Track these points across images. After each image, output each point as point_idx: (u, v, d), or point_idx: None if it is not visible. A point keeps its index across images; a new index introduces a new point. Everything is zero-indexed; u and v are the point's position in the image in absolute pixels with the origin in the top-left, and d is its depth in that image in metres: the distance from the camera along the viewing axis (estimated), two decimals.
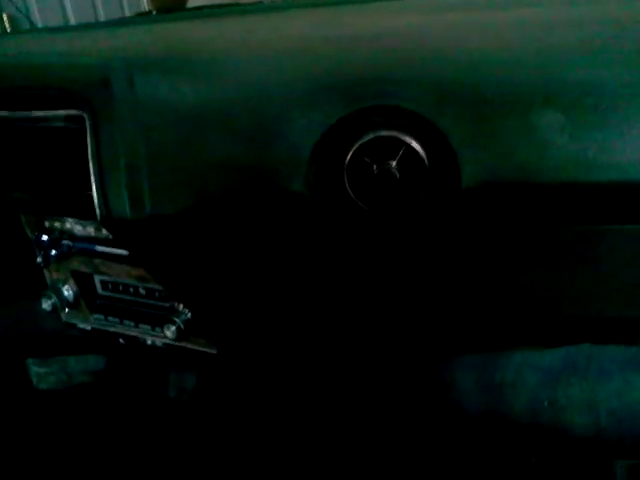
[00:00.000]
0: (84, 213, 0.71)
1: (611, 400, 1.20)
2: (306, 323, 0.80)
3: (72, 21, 3.30)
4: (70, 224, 0.84)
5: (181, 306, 0.86)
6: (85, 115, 0.66)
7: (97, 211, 0.65)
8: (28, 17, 2.85)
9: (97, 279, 0.93)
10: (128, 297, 0.93)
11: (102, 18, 3.48)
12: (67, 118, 0.69)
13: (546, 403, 1.22)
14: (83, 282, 0.95)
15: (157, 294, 0.89)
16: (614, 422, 1.20)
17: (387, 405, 1.24)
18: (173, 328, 0.85)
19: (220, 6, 1.17)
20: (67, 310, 0.97)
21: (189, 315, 0.86)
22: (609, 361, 1.21)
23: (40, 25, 3.01)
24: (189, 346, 0.90)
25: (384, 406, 1.23)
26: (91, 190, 0.66)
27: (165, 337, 0.86)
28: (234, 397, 1.30)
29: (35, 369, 1.38)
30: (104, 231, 0.82)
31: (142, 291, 0.90)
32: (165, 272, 0.74)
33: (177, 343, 0.89)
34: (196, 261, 0.71)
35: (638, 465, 1.18)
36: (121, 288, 0.92)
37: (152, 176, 0.64)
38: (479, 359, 1.23)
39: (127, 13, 3.61)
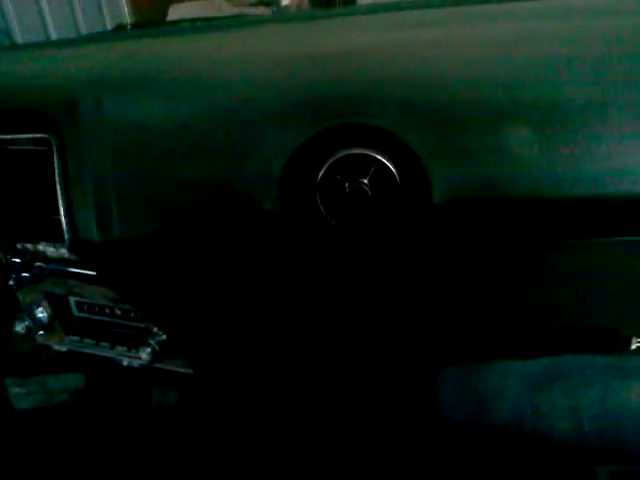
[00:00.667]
0: (54, 237, 0.69)
1: (593, 407, 1.21)
2: (281, 339, 0.80)
3: (53, 36, 3.26)
4: (42, 246, 0.82)
5: (155, 328, 0.85)
6: (51, 138, 0.65)
7: (65, 235, 0.64)
8: (8, 32, 2.82)
9: (72, 300, 0.92)
10: (104, 318, 0.91)
11: (84, 32, 3.45)
12: (34, 141, 0.68)
13: (529, 411, 1.22)
14: (57, 304, 0.93)
15: (132, 315, 0.88)
16: (596, 428, 1.20)
17: (369, 418, 1.23)
18: (148, 350, 0.84)
19: (196, 20, 1.17)
20: (41, 332, 0.95)
21: (163, 337, 0.85)
22: (590, 368, 1.22)
23: (20, 40, 2.98)
24: (165, 367, 0.89)
25: (366, 419, 1.23)
26: (59, 214, 0.66)
27: (140, 359, 0.85)
28: (217, 414, 1.28)
29: (14, 389, 1.36)
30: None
31: (118, 312, 0.88)
32: (136, 294, 0.73)
33: (153, 364, 0.88)
34: (167, 283, 0.70)
35: (620, 471, 1.18)
36: (96, 309, 0.91)
37: (120, 198, 0.63)
38: (462, 369, 1.23)
39: (109, 25, 3.58)
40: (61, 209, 0.64)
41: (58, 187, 0.64)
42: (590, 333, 0.93)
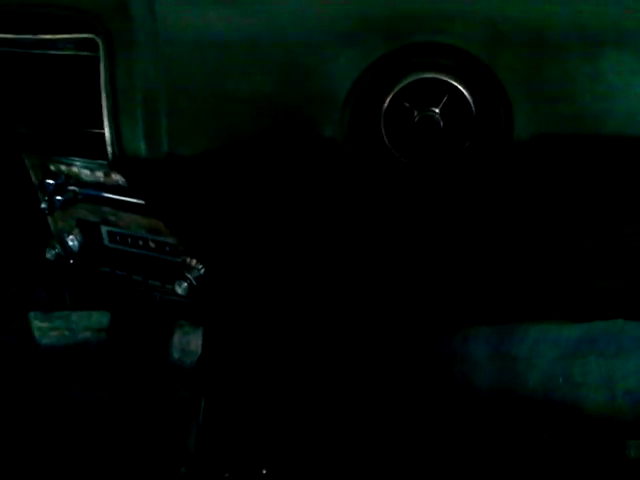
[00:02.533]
0: (94, 152, 0.65)
1: (628, 379, 1.17)
2: (328, 278, 0.75)
3: None
4: (77, 168, 0.78)
5: (194, 261, 0.81)
6: (99, 40, 0.60)
7: (108, 149, 0.60)
8: None
9: (104, 230, 0.88)
10: (137, 250, 0.87)
11: None
12: (78, 43, 0.63)
13: (561, 379, 1.18)
14: (89, 232, 0.89)
15: (168, 248, 0.83)
16: (630, 401, 1.17)
17: (396, 380, 1.20)
18: (185, 284, 0.80)
19: None
20: (71, 262, 0.91)
21: (202, 271, 0.80)
22: (629, 339, 1.17)
23: None
24: (199, 304, 0.85)
25: (393, 381, 1.20)
26: (102, 127, 0.61)
27: (176, 294, 0.81)
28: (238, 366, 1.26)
29: (37, 323, 1.35)
30: (113, 177, 0.76)
31: (152, 245, 0.84)
32: (180, 222, 0.69)
33: (188, 300, 0.84)
34: (216, 210, 0.66)
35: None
36: (130, 241, 0.87)
37: (172, 112, 0.58)
38: (494, 332, 1.19)
39: None
40: (105, 119, 0.59)
41: (103, 95, 0.59)
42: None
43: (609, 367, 1.17)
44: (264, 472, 1.02)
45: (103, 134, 0.62)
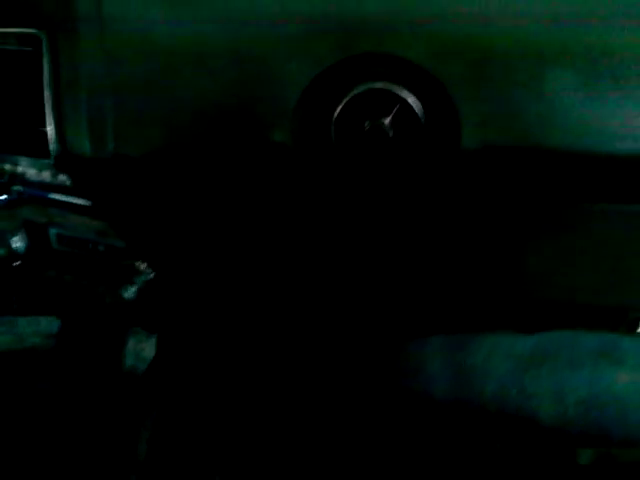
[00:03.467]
0: (39, 151, 0.63)
1: (579, 390, 1.19)
2: (277, 280, 0.75)
3: None
4: (23, 168, 0.76)
5: (143, 265, 0.79)
6: (42, 35, 0.58)
7: (51, 147, 0.58)
8: None
9: (52, 232, 0.85)
10: (85, 254, 0.85)
11: None
12: (21, 38, 0.61)
13: (514, 390, 1.20)
14: (36, 234, 0.87)
15: (117, 252, 0.82)
16: (581, 411, 1.19)
17: (353, 386, 1.20)
18: (132, 289, 0.78)
19: None
20: (16, 264, 0.89)
21: (151, 275, 0.79)
22: (580, 351, 1.19)
23: None
24: (149, 309, 0.83)
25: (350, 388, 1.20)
26: (45, 125, 0.59)
27: (123, 299, 0.79)
28: (193, 370, 1.23)
29: None
30: (60, 177, 0.74)
31: (101, 247, 0.82)
32: (127, 225, 0.67)
33: (137, 305, 0.82)
34: (162, 212, 0.64)
35: (601, 453, 1.17)
36: (78, 243, 0.84)
37: (117, 110, 0.57)
38: (449, 342, 1.20)
39: None
40: (49, 118, 0.58)
41: (47, 93, 0.57)
42: (597, 310, 0.89)
43: (561, 379, 1.19)
44: None
45: (47, 133, 0.60)
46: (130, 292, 0.79)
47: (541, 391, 1.19)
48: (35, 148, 0.64)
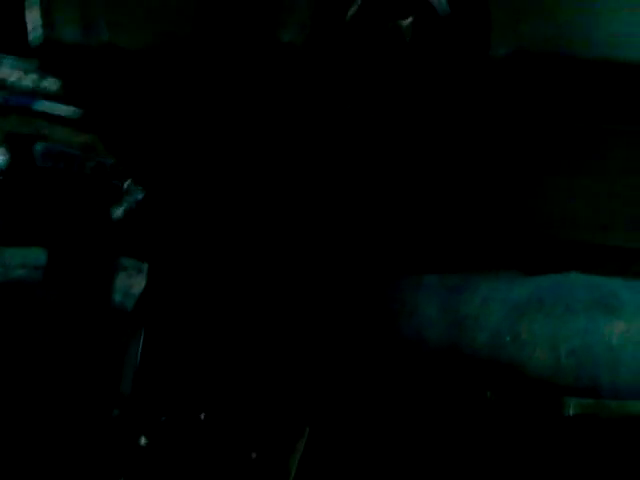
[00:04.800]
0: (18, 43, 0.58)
1: (573, 339, 1.19)
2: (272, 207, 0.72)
3: None
4: (7, 69, 0.70)
5: (133, 184, 0.75)
6: None
7: (33, 34, 0.53)
8: None
9: (37, 148, 0.81)
10: (72, 172, 0.81)
11: None
12: None
13: (508, 337, 1.20)
14: (20, 149, 0.82)
15: (107, 170, 0.78)
16: (573, 361, 1.19)
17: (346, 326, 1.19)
18: (121, 209, 0.74)
19: None
20: None
21: (140, 195, 0.75)
22: (576, 300, 1.19)
23: None
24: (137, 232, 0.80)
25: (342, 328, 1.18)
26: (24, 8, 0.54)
27: (112, 219, 0.76)
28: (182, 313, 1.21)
29: None
30: (46, 83, 0.69)
31: (90, 164, 0.78)
32: (118, 134, 0.63)
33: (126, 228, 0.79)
34: (157, 122, 0.60)
35: (588, 404, 1.17)
36: (65, 160, 0.80)
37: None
38: (445, 286, 1.19)
39: None
40: None
41: None
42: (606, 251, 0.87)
43: (555, 327, 1.19)
44: (202, 417, 0.99)
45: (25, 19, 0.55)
46: (119, 212, 0.75)
47: (535, 339, 1.19)
48: (16, 40, 0.59)
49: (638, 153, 0.58)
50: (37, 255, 1.27)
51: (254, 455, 0.95)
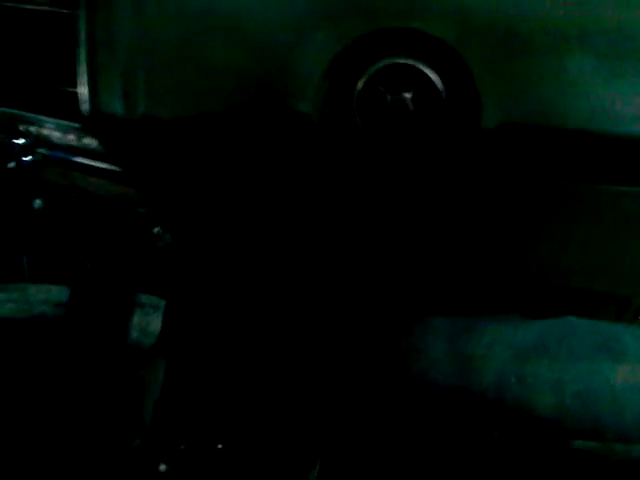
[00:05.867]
0: (67, 113, 0.64)
1: (577, 382, 1.20)
2: (296, 257, 0.76)
3: None
4: (48, 130, 0.77)
5: (162, 231, 0.81)
6: None
7: (83, 106, 0.59)
8: None
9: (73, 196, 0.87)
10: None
11: None
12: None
13: (514, 379, 1.21)
14: (55, 199, 0.88)
15: (138, 217, 0.83)
16: (578, 404, 1.20)
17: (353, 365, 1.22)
18: (149, 252, 0.79)
19: None
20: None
21: (169, 239, 0.80)
22: (579, 345, 1.21)
23: None
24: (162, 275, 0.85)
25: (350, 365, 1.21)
26: (77, 85, 0.60)
27: (139, 260, 0.81)
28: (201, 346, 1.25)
29: None
30: (86, 140, 0.76)
31: (122, 211, 0.84)
32: (151, 188, 0.69)
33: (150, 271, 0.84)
34: (187, 180, 0.66)
35: (593, 446, 1.18)
36: (97, 207, 0.86)
37: (151, 72, 0.58)
38: (452, 329, 1.22)
39: None
40: (83, 77, 0.59)
41: (82, 51, 0.59)
42: (600, 297, 0.91)
43: (560, 370, 1.21)
44: (219, 447, 1.03)
45: (77, 93, 0.61)
46: (147, 255, 0.81)
47: (540, 381, 1.21)
48: (63, 109, 0.65)
49: (620, 209, 0.63)
50: (59, 292, 1.32)
51: None
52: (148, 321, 1.34)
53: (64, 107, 0.65)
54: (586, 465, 1.14)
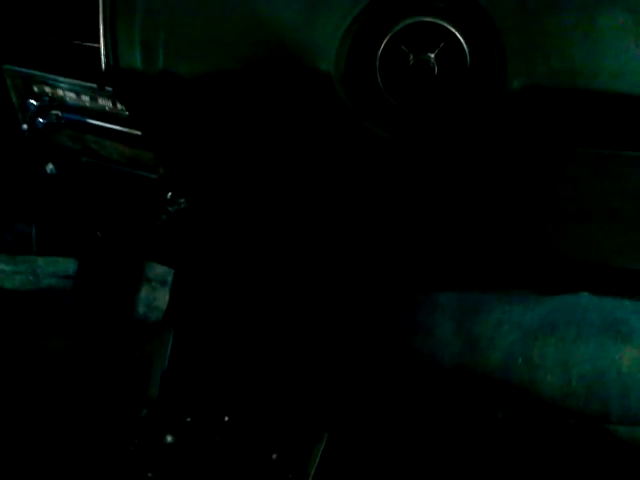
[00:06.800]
0: (83, 68, 0.63)
1: (584, 364, 1.20)
2: (307, 226, 0.75)
3: None
4: (62, 91, 0.76)
5: (174, 195, 0.80)
6: None
7: (103, 59, 0.58)
8: None
9: (83, 161, 0.86)
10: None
11: None
12: None
13: (520, 360, 1.21)
14: (67, 163, 0.87)
15: (151, 181, 0.82)
16: (584, 385, 1.20)
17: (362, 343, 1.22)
18: (164, 218, 0.79)
19: None
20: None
21: (182, 205, 0.80)
22: (587, 326, 1.21)
23: None
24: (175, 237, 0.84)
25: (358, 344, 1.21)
26: (96, 39, 0.59)
27: (154, 226, 0.80)
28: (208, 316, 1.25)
29: (1, 266, 1.31)
30: (100, 102, 0.75)
31: (134, 176, 0.83)
32: (167, 146, 0.68)
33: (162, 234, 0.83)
34: (205, 140, 0.65)
35: (598, 428, 1.18)
36: (108, 172, 0.85)
37: (170, 26, 0.57)
38: (459, 308, 1.22)
39: None
40: (102, 30, 0.58)
41: (102, 4, 0.58)
42: (618, 273, 0.90)
43: (567, 351, 1.21)
44: (226, 419, 1.03)
45: (94, 49, 0.60)
46: (159, 221, 0.80)
47: (547, 362, 1.21)
48: (81, 66, 0.64)
49: None
50: (67, 265, 1.32)
51: (274, 456, 0.98)
52: (155, 296, 1.33)
53: (82, 64, 0.64)
54: (590, 446, 1.14)
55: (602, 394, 1.21)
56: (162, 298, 1.33)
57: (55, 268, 1.32)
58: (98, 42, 0.59)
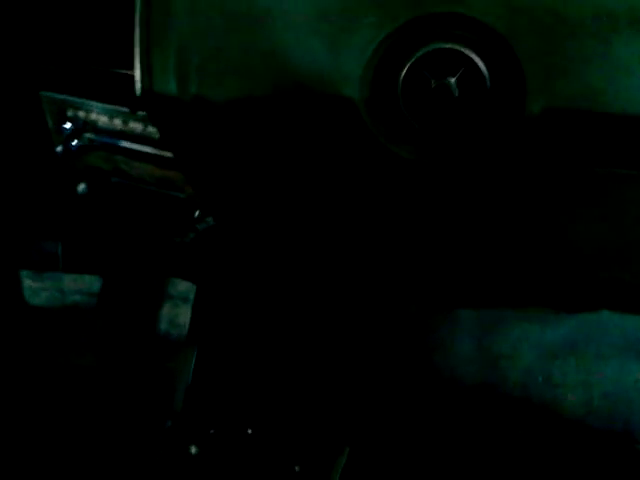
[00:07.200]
0: (117, 96, 0.66)
1: (606, 383, 1.19)
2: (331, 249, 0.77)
3: None
4: (96, 114, 0.79)
5: (201, 214, 0.82)
6: None
7: (137, 85, 0.61)
8: None
9: (113, 181, 0.89)
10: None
11: None
12: None
13: (540, 379, 1.21)
14: (97, 183, 0.90)
15: (179, 201, 0.85)
16: (606, 405, 1.19)
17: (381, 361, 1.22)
18: (191, 235, 0.81)
19: None
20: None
21: (210, 223, 0.82)
22: (608, 345, 1.20)
23: None
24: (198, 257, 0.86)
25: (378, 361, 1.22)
26: (131, 66, 0.62)
27: (182, 243, 0.83)
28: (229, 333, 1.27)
29: (28, 282, 1.34)
30: (132, 125, 0.78)
31: (163, 196, 0.85)
32: (198, 167, 0.70)
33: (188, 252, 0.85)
34: (235, 164, 0.67)
35: (621, 447, 1.17)
36: (137, 192, 0.88)
37: (203, 53, 0.60)
38: (479, 326, 1.22)
39: None
40: (138, 56, 0.61)
41: (137, 31, 0.61)
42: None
43: (587, 370, 1.20)
44: (249, 432, 1.04)
45: (128, 76, 0.63)
46: (186, 238, 0.82)
47: (567, 381, 1.20)
48: (114, 92, 0.67)
49: None
50: (92, 282, 1.34)
51: (297, 468, 0.99)
52: (177, 313, 1.35)
53: (115, 89, 0.67)
54: (613, 465, 1.13)
55: (625, 413, 1.20)
56: (184, 315, 1.35)
57: (81, 285, 1.35)
58: (131, 69, 0.62)
